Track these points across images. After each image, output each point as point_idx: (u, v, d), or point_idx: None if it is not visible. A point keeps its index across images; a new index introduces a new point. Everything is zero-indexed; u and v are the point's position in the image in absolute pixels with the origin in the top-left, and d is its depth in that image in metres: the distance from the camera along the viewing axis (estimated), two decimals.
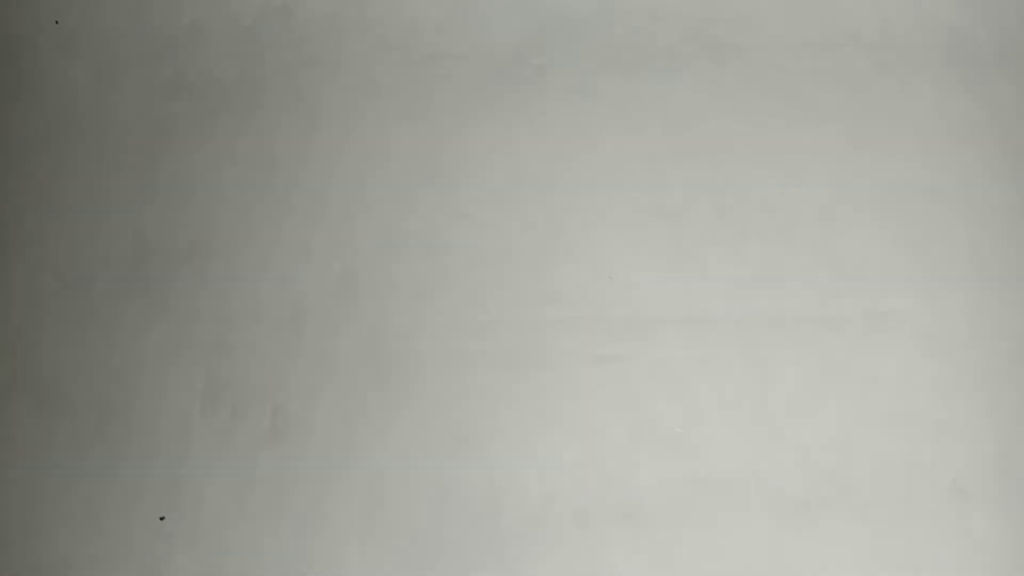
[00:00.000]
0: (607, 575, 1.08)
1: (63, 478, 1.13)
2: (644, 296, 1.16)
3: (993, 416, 1.12)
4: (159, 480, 1.12)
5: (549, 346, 1.14)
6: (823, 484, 1.10)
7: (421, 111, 1.22)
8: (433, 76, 1.23)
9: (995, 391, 1.13)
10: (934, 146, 1.20)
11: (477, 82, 1.22)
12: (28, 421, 1.14)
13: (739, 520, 1.09)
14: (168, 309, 1.17)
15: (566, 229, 1.18)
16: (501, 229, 1.18)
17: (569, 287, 1.16)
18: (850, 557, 1.09)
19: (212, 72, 1.24)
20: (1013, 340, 1.14)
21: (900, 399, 1.13)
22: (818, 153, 1.20)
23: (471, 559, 1.09)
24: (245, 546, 1.10)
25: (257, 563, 1.10)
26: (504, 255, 1.17)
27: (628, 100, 1.21)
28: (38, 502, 1.12)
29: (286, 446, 1.13)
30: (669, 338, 1.14)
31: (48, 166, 1.22)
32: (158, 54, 1.25)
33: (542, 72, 1.23)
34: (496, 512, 1.10)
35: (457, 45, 1.24)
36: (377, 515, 1.11)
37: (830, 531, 1.09)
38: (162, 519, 1.11)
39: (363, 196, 1.20)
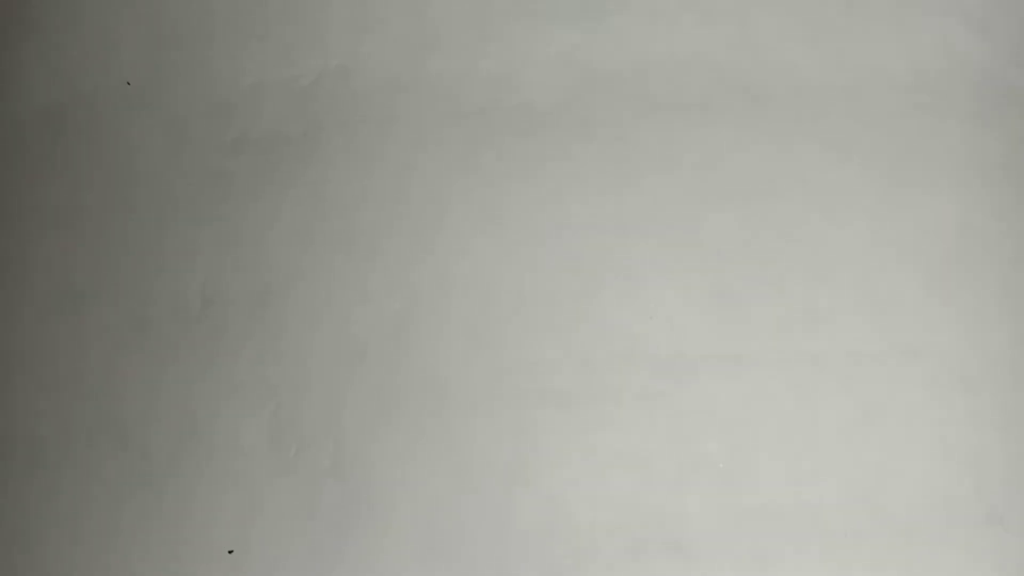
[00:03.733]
0: None
1: (141, 513, 1.17)
2: (687, 334, 1.19)
3: None
4: (229, 514, 1.16)
5: (597, 383, 1.17)
6: (866, 515, 1.12)
7: (472, 162, 1.27)
8: (483, 129, 1.28)
9: None
10: (969, 185, 1.22)
11: (524, 133, 1.27)
12: (108, 460, 1.19)
13: (786, 551, 1.12)
14: (234, 352, 1.22)
15: (611, 271, 1.22)
16: (549, 271, 1.22)
17: (615, 326, 1.19)
18: None
19: (273, 129, 1.29)
20: None
21: (938, 432, 1.15)
22: (854, 193, 1.22)
23: None
24: None
25: None
26: (552, 296, 1.21)
27: (666, 146, 1.25)
28: (117, 536, 1.17)
29: (347, 480, 1.16)
30: (713, 375, 1.17)
31: (121, 219, 1.28)
32: (223, 112, 1.30)
33: (584, 123, 1.27)
34: (550, 545, 1.13)
35: (505, 100, 1.28)
36: (434, 547, 1.14)
37: (873, 560, 1.11)
38: (231, 552, 1.15)
39: (418, 241, 1.24)
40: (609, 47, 1.30)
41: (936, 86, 1.25)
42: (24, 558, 1.17)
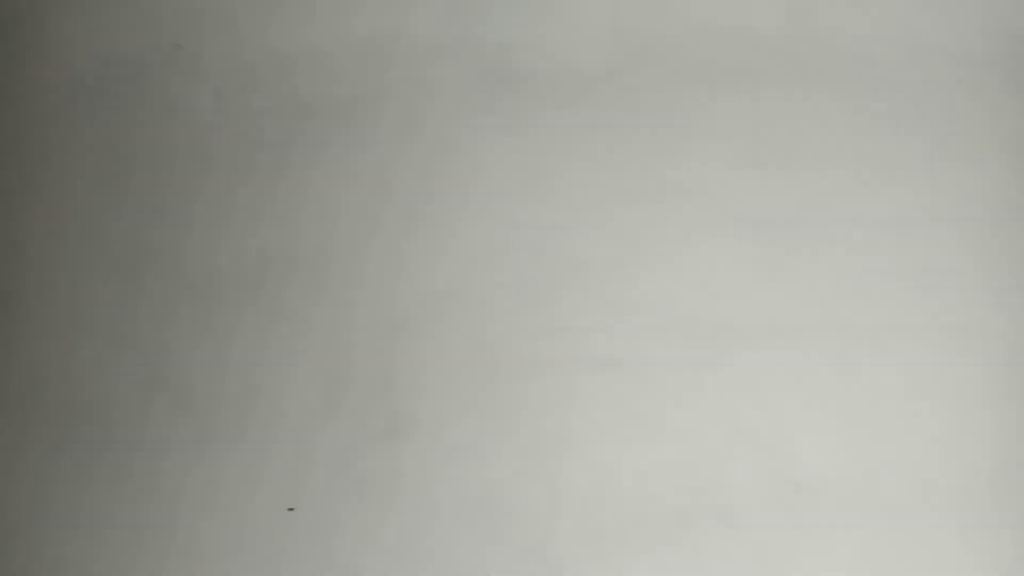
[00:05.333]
0: (704, 572, 1.15)
1: (206, 473, 1.21)
2: (734, 304, 1.21)
3: None
4: (286, 474, 1.20)
5: (644, 351, 1.20)
6: (912, 489, 1.16)
7: (520, 129, 1.27)
8: (529, 95, 1.28)
9: None
10: (1012, 160, 1.23)
11: (570, 100, 1.28)
12: (166, 420, 1.23)
13: (832, 520, 1.15)
14: (290, 315, 1.24)
15: (658, 239, 1.23)
16: (598, 240, 1.24)
17: (661, 295, 1.22)
18: (942, 558, 1.14)
19: (324, 93, 1.30)
20: None
21: (985, 405, 1.17)
22: (898, 165, 1.23)
23: (576, 555, 1.16)
24: (363, 537, 1.18)
25: (373, 553, 1.18)
26: (601, 264, 1.23)
27: (714, 115, 1.26)
28: (180, 494, 1.21)
29: (401, 444, 1.20)
30: (759, 344, 1.20)
31: (177, 183, 1.30)
32: (277, 75, 1.31)
33: (631, 90, 1.27)
34: (597, 512, 1.17)
35: (550, 65, 1.29)
36: (483, 511, 1.18)
37: (921, 534, 1.14)
38: (291, 510, 1.19)
39: (467, 210, 1.26)
40: (656, 14, 1.30)
41: (981, 60, 1.25)
42: (95, 520, 1.21)
